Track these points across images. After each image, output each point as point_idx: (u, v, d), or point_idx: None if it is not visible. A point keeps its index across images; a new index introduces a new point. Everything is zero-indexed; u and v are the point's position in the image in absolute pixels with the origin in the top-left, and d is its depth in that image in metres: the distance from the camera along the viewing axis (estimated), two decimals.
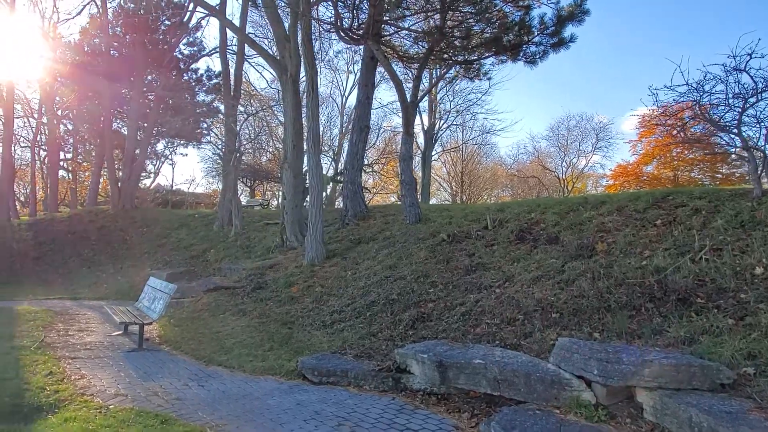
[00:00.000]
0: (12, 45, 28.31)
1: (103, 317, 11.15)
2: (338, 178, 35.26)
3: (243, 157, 20.38)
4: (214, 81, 28.69)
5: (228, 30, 20.48)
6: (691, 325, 5.51)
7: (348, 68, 41.34)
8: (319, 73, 13.28)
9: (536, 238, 9.02)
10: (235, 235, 17.20)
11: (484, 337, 6.73)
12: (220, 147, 19.47)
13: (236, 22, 19.79)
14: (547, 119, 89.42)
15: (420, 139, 37.73)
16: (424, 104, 38.76)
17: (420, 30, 12.68)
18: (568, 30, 11.11)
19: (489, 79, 13.18)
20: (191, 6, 23.86)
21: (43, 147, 37.78)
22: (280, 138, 36.48)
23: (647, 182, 38.04)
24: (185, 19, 25.65)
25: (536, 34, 11.20)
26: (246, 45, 19.72)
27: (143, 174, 32.10)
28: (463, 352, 5.98)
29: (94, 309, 12.26)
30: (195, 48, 27.33)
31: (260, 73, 65.41)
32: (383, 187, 50.00)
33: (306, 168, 13.48)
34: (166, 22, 26.78)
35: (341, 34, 11.51)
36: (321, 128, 36.08)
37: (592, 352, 4.96)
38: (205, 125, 31.02)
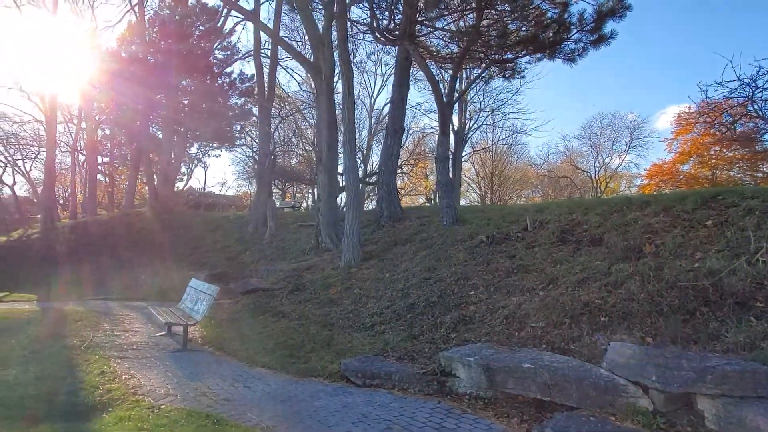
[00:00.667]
0: (54, 54, 29.35)
1: (146, 318, 11.38)
2: (367, 179, 35.39)
3: (277, 160, 20.53)
4: (247, 84, 29.07)
5: (262, 34, 20.77)
6: (750, 330, 5.29)
7: (376, 70, 41.46)
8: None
9: (579, 239, 8.84)
10: (269, 237, 17.38)
11: (530, 341, 6.61)
12: (254, 149, 19.66)
13: (269, 26, 20.01)
14: (579, 118, 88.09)
15: (450, 139, 37.26)
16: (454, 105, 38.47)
17: (455, 30, 12.57)
18: (608, 26, 10.91)
19: (523, 77, 13.00)
20: (225, 11, 24.24)
21: (82, 152, 38.99)
22: (309, 140, 36.81)
23: (684, 182, 36.98)
24: (219, 24, 26.09)
25: (575, 31, 11.00)
26: (279, 48, 19.94)
27: (177, 177, 32.62)
28: (511, 355, 5.89)
29: (137, 310, 12.51)
30: (228, 52, 27.79)
31: (291, 76, 65.96)
32: (412, 188, 49.91)
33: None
34: (201, 27, 27.29)
35: (377, 35, 11.52)
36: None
37: (649, 358, 4.82)
38: (238, 128, 31.56)
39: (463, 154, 39.39)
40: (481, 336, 7.13)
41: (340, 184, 15.99)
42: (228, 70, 28.64)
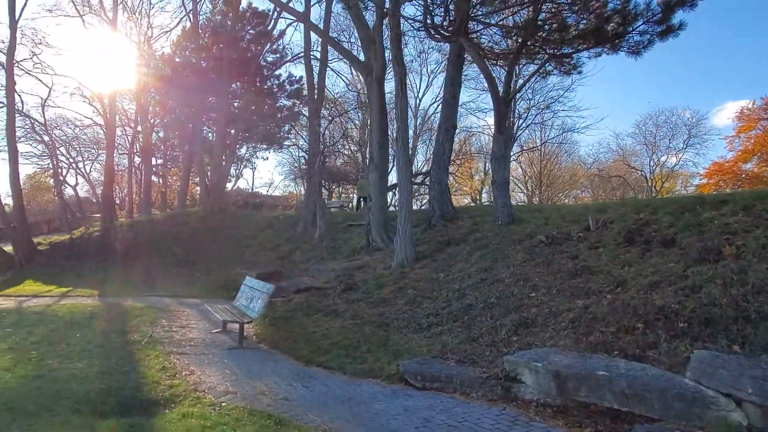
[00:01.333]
0: (112, 60, 30.54)
1: (201, 314, 11.55)
2: (413, 179, 35.14)
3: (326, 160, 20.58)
4: (295, 86, 29.42)
5: (311, 36, 20.91)
6: None
7: (421, 70, 41.07)
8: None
9: (648, 240, 8.34)
10: (319, 236, 17.42)
11: (600, 347, 6.23)
12: (303, 150, 19.78)
13: (319, 27, 20.10)
14: (631, 116, 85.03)
15: (505, 138, 36.62)
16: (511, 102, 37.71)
17: (511, 25, 12.21)
18: (677, 16, 10.30)
19: (579, 72, 12.45)
20: (275, 14, 24.58)
21: (138, 154, 40.45)
22: (355, 141, 36.88)
23: (747, 181, 35.05)
24: (269, 28, 26.48)
25: (641, 22, 10.45)
26: (329, 48, 20.00)
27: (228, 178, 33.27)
28: (582, 362, 5.57)
29: (192, 306, 12.74)
30: (278, 55, 28.20)
31: (339, 77, 66.31)
32: (457, 188, 49.34)
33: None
34: (251, 31, 27.79)
35: (431, 32, 11.29)
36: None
37: (743, 368, 4.42)
38: (286, 129, 31.99)
39: (512, 153, 38.60)
40: (545, 340, 6.80)
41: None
42: (277, 72, 29.07)
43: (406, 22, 12.42)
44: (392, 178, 20.20)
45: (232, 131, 27.94)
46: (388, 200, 16.38)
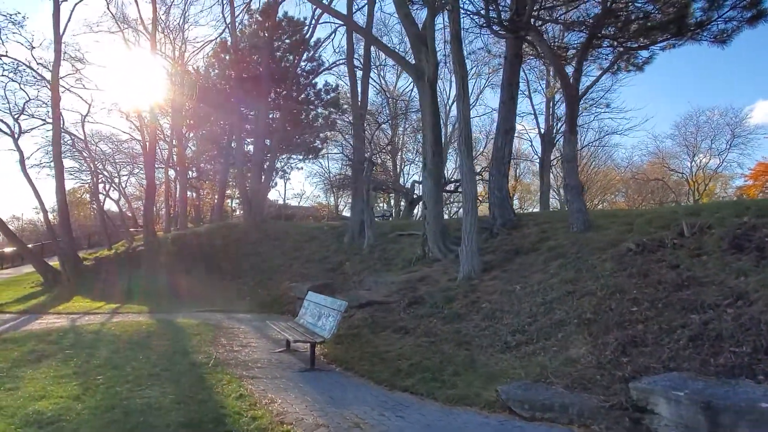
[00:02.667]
0: (149, 74, 30.67)
1: (258, 332, 11.05)
2: (446, 188, 34.39)
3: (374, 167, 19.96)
4: (331, 95, 29.10)
5: (350, 42, 20.48)
6: None
7: (451, 77, 40.28)
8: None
9: (761, 246, 7.47)
10: (368, 246, 16.84)
11: (736, 370, 5.42)
12: (349, 158, 19.27)
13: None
14: (671, 116, 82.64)
15: (536, 143, 36.00)
16: (541, 107, 36.83)
17: (576, 18, 11.48)
18: None
19: (648, 63, 11.60)
20: (311, 22, 24.32)
21: (173, 167, 40.69)
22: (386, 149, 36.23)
23: None
24: (306, 36, 26.23)
25: (727, 8, 9.62)
26: (371, 51, 19.54)
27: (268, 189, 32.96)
28: (732, 390, 4.78)
29: (245, 323, 12.26)
30: (314, 63, 27.88)
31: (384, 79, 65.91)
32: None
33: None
34: (287, 41, 27.59)
35: (494, 28, 10.65)
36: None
37: None
38: (322, 137, 31.66)
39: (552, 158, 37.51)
40: (664, 361, 5.99)
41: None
42: (313, 81, 28.79)
43: (466, 18, 11.77)
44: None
45: (269, 143, 27.65)
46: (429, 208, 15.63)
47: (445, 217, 43.44)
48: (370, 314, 10.51)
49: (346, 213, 51.36)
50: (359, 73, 20.80)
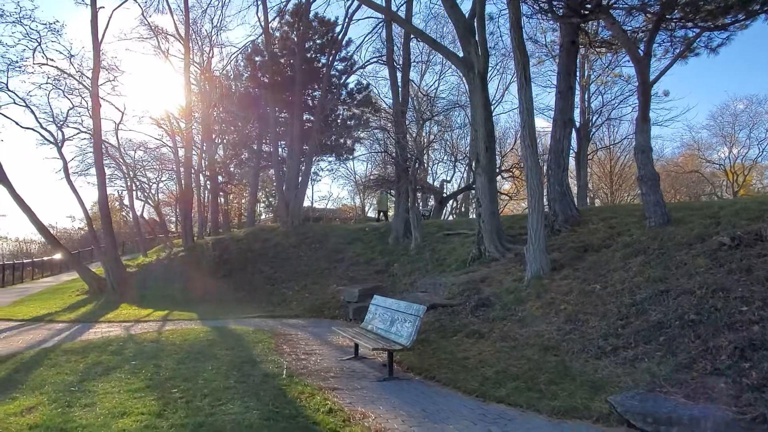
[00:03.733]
0: (179, 81, 30.70)
1: (316, 338, 10.69)
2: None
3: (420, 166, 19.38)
4: (363, 94, 28.72)
5: (389, 35, 20.03)
6: None
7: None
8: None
9: None
10: (415, 247, 16.36)
11: None
12: (392, 156, 18.81)
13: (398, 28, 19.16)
14: (706, 106, 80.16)
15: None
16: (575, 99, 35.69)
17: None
18: None
19: (722, 46, 10.84)
20: (345, 21, 23.96)
21: (204, 173, 40.83)
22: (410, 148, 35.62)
23: None
24: (339, 36, 25.91)
25: None
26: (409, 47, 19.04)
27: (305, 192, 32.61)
28: None
29: (300, 328, 11.91)
30: (346, 63, 27.51)
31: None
32: (516, 191, 47.38)
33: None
34: (318, 41, 27.30)
35: (558, 11, 10.06)
36: (453, 134, 34.99)
37: None
38: (352, 139, 31.31)
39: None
40: None
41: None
42: (345, 81, 28.45)
43: (525, 3, 11.20)
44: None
45: (305, 146, 27.36)
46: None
47: (470, 216, 43.08)
48: (435, 318, 10.06)
49: (371, 214, 51.24)
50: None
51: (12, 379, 7.23)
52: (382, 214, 31.69)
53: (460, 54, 13.99)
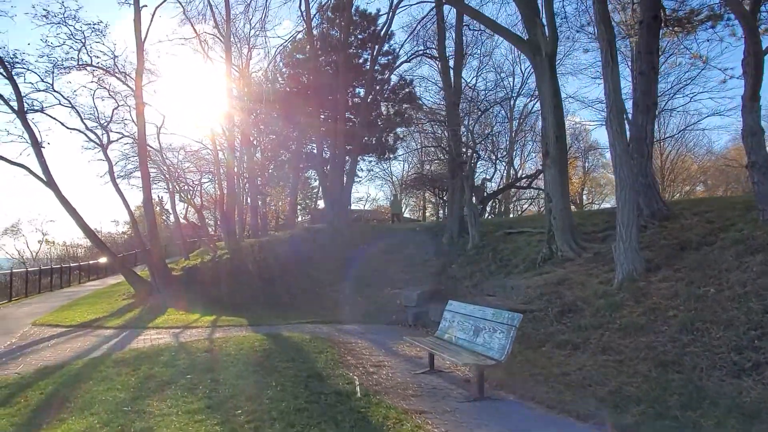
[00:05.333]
0: (219, 83, 30.39)
1: (380, 347, 9.77)
2: (517, 183, 32.28)
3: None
4: (407, 90, 27.77)
5: (440, 24, 19.00)
6: None
7: (514, 68, 37.92)
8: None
9: None
10: (473, 247, 15.29)
11: None
12: (446, 150, 17.77)
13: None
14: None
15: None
16: (626, 90, 33.93)
17: None
18: None
19: None
20: (389, 13, 23.07)
21: (243, 175, 40.66)
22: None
23: None
24: (381, 31, 25.05)
25: None
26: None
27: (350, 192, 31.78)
28: None
29: (359, 336, 11.02)
30: (389, 57, 26.62)
31: (430, 82, 64.38)
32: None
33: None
34: (360, 36, 26.52)
35: None
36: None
37: None
38: (394, 137, 30.40)
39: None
40: None
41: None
42: (389, 76, 27.55)
43: None
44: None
45: (349, 146, 26.57)
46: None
47: (511, 215, 41.55)
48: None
49: (407, 215, 50.30)
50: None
51: (60, 396, 6.54)
52: (395, 216, 30.90)
53: (524, 37, 12.90)
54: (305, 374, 7.20)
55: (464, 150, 16.91)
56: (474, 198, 33.68)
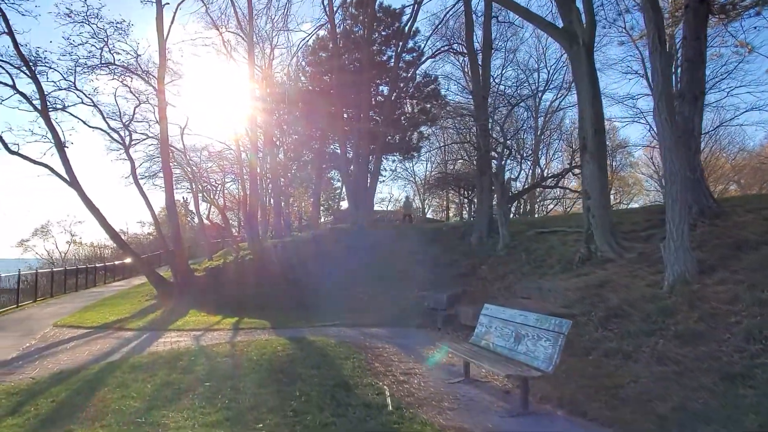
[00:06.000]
0: (241, 84, 30.19)
1: (408, 352, 9.22)
2: (543, 183, 31.29)
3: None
4: (431, 87, 27.18)
5: (468, 15, 18.33)
6: None
7: (539, 65, 36.73)
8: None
9: None
10: (504, 247, 14.62)
11: None
12: (475, 147, 17.11)
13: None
14: None
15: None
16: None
17: None
18: None
19: None
20: (414, 7, 22.50)
21: (267, 175, 40.48)
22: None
23: None
24: (406, 27, 24.50)
25: None
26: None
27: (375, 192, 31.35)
28: None
29: (386, 340, 10.48)
30: (414, 54, 26.05)
31: (451, 80, 63.49)
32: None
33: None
34: (383, 32, 26.01)
35: None
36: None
37: None
38: (418, 135, 29.83)
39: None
40: None
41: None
42: (414, 73, 26.97)
43: None
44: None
45: (372, 146, 26.07)
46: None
47: (536, 215, 40.46)
48: None
49: (430, 215, 49.55)
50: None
51: (71, 404, 6.16)
52: (407, 217, 30.31)
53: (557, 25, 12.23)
54: (331, 383, 6.70)
55: (493, 146, 16.23)
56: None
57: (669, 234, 8.52)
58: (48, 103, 16.81)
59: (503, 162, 15.69)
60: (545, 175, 38.03)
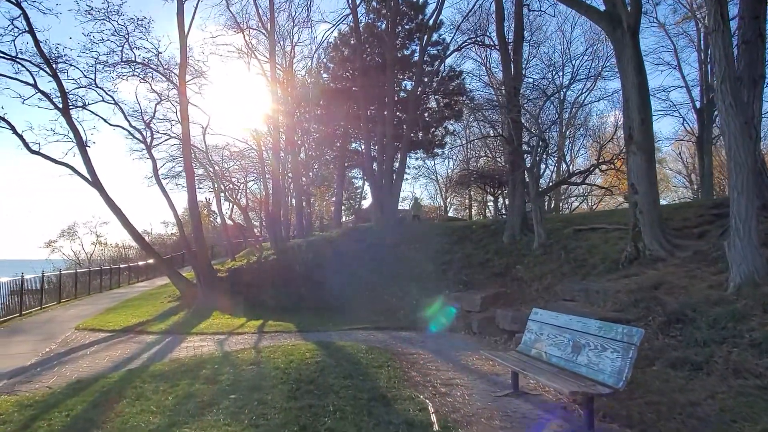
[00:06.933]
0: (262, 84, 29.87)
1: (445, 359, 8.59)
2: (569, 179, 30.23)
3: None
4: (456, 81, 26.43)
5: (499, 3, 17.55)
6: None
7: (563, 57, 35.48)
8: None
9: None
10: (540, 246, 13.87)
11: None
12: (508, 140, 16.33)
13: None
14: None
15: (690, 117, 31.44)
16: (693, 76, 31.31)
17: None
18: None
19: None
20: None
21: (288, 175, 40.16)
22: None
23: None
24: (430, 20, 23.82)
25: None
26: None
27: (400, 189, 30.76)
28: None
29: (419, 345, 9.88)
30: (439, 47, 25.34)
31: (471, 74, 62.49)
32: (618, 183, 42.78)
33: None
34: (407, 26, 25.37)
35: None
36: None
37: None
38: (443, 132, 29.15)
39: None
40: None
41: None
42: (438, 68, 26.26)
43: None
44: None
45: (396, 143, 25.44)
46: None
47: (556, 212, 39.31)
48: None
49: (451, 213, 48.67)
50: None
51: (87, 419, 5.66)
52: (416, 218, 29.62)
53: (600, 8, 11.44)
54: (367, 396, 6.09)
55: (526, 140, 15.48)
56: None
57: (734, 230, 7.72)
58: (69, 101, 16.56)
59: (538, 156, 14.90)
60: (571, 171, 36.96)
